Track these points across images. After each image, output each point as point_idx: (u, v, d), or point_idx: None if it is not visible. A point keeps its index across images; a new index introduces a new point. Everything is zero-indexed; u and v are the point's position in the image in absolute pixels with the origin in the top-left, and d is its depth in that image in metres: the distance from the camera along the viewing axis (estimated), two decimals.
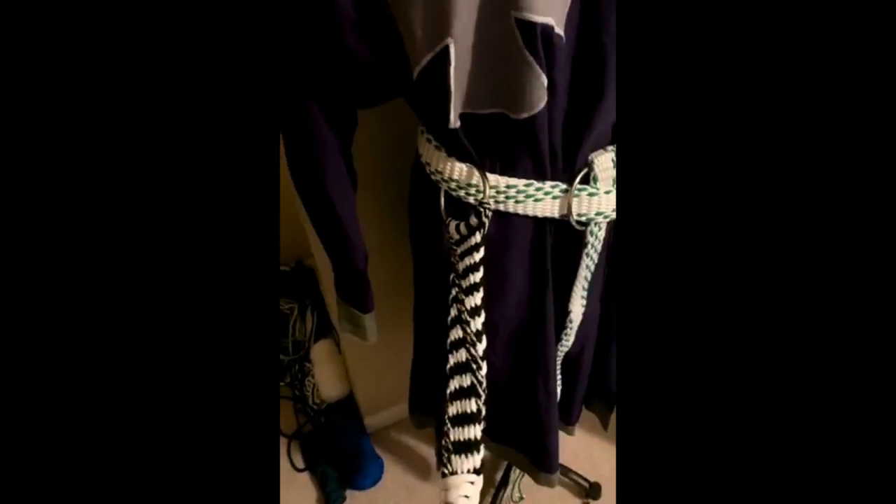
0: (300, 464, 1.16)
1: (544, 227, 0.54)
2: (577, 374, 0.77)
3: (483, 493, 1.10)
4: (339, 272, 0.63)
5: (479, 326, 0.45)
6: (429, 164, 0.53)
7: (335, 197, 0.53)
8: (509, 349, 0.64)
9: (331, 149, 0.51)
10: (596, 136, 0.50)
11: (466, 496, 0.37)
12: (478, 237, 0.48)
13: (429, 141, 0.52)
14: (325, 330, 1.36)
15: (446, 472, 0.39)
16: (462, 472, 0.38)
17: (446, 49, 0.40)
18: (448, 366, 0.45)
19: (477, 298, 0.46)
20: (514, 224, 0.53)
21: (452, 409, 0.43)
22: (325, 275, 0.81)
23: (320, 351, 1.28)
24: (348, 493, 1.10)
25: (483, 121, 0.46)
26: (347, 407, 1.20)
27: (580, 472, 1.11)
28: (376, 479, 1.11)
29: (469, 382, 0.43)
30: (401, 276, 0.72)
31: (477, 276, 0.47)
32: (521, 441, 0.79)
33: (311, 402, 1.25)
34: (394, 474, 1.14)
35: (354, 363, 1.09)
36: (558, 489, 1.12)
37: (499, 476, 1.10)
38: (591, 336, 0.72)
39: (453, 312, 0.47)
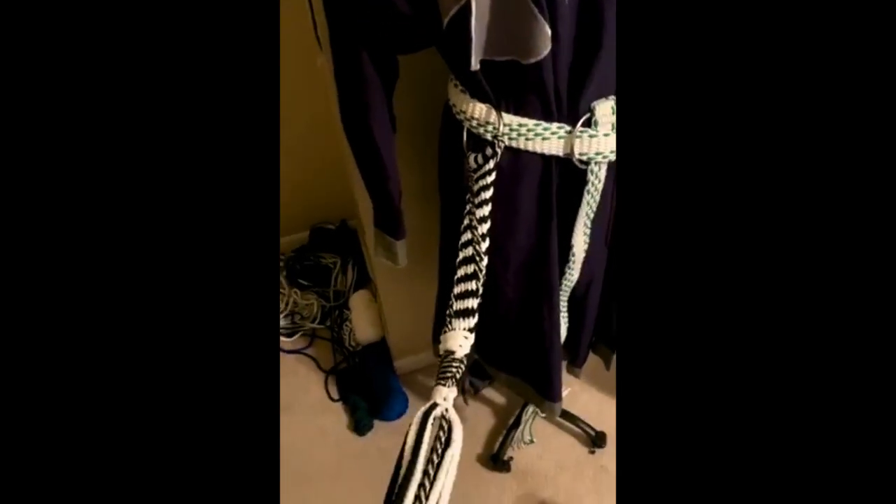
0: (335, 395, 1.30)
1: (550, 163, 0.63)
2: (584, 315, 0.85)
3: (495, 434, 1.21)
4: (376, 202, 0.75)
5: (484, 231, 0.56)
6: (455, 106, 0.63)
7: (376, 132, 0.65)
8: (519, 278, 0.74)
9: (375, 89, 0.62)
10: (597, 85, 0.58)
11: (461, 345, 0.48)
12: (491, 164, 0.58)
13: (455, 86, 0.62)
14: (363, 282, 1.50)
15: (447, 329, 0.50)
16: (460, 330, 0.50)
17: (469, 2, 0.50)
18: (458, 259, 0.56)
19: (485, 210, 0.57)
20: (524, 159, 0.62)
21: (458, 289, 0.54)
22: (367, 231, 0.93)
23: (358, 300, 1.42)
24: (375, 423, 1.24)
25: (499, 67, 0.56)
26: (380, 350, 1.33)
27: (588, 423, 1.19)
28: (401, 413, 1.24)
29: (472, 270, 0.54)
30: (432, 232, 0.83)
31: (487, 194, 0.57)
32: (528, 372, 0.88)
33: (347, 343, 1.40)
34: (418, 409, 1.26)
35: (388, 311, 1.22)
36: (567, 437, 1.20)
37: (511, 421, 1.20)
38: (596, 276, 0.80)
39: (466, 221, 0.58)
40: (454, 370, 0.47)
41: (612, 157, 0.63)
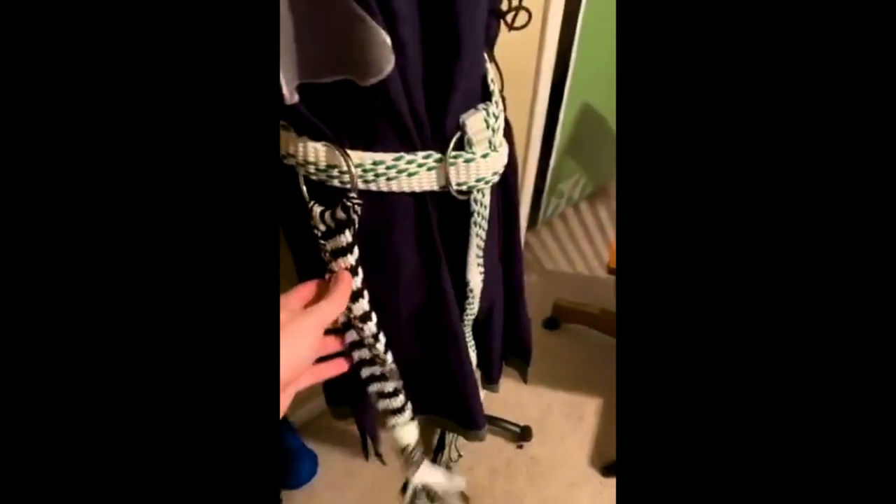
0: None
1: (425, 201, 0.49)
2: (490, 336, 0.76)
3: None
4: None
5: (365, 307, 0.43)
6: (280, 148, 0.45)
7: None
8: (416, 330, 0.61)
9: None
10: (463, 95, 0.45)
11: (411, 434, 0.49)
12: (349, 236, 0.42)
13: None
14: None
15: (388, 426, 0.49)
16: (401, 425, 0.48)
17: None
18: (355, 361, 0.45)
19: (364, 304, 0.42)
20: (390, 203, 0.47)
21: (372, 389, 0.48)
22: None
23: None
24: (284, 493, 1.05)
25: (329, 91, 0.39)
26: None
27: (511, 420, 1.15)
28: (311, 475, 1.07)
29: (379, 372, 0.46)
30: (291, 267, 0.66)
31: (358, 281, 0.42)
32: (446, 408, 0.78)
33: None
34: (332, 461, 1.11)
35: None
36: (493, 438, 1.15)
37: (435, 440, 1.11)
38: (496, 297, 0.71)
39: (341, 318, 0.43)
40: (419, 456, 0.49)
41: (496, 178, 0.51)
